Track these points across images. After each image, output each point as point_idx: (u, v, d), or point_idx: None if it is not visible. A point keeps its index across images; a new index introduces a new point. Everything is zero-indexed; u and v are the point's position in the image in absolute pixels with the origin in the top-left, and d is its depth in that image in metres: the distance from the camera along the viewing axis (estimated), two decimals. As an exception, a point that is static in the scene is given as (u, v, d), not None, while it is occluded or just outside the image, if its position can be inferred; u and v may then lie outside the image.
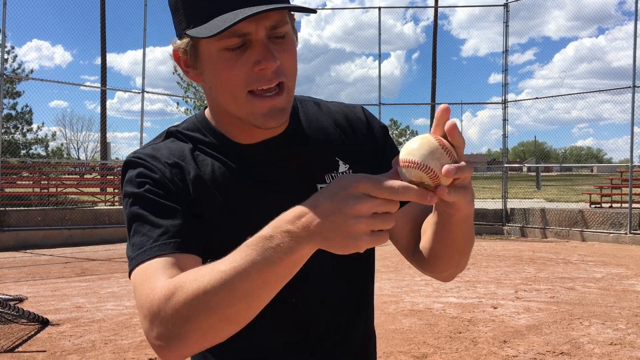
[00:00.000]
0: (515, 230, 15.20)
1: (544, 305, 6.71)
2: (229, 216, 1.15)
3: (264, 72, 1.05)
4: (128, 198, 1.11)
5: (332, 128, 1.28)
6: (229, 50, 1.05)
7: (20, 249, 12.00)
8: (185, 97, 26.17)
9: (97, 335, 5.42)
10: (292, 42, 1.11)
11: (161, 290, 0.93)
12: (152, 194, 1.10)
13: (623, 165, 17.41)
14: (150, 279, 0.98)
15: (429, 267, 1.22)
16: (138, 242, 1.05)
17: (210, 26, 1.01)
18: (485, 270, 9.40)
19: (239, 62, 1.05)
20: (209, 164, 1.17)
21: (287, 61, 1.08)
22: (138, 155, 1.16)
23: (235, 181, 1.17)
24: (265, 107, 1.08)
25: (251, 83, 1.06)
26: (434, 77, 22.91)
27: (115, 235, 13.51)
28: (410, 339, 5.36)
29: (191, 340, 0.92)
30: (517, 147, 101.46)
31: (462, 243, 1.13)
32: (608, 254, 11.45)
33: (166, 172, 1.13)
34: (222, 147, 1.19)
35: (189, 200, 1.13)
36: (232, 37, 1.03)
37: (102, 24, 21.69)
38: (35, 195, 17.10)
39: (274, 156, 1.20)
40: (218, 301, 0.88)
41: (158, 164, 1.14)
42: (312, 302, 1.21)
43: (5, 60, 15.88)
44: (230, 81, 1.07)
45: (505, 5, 16.16)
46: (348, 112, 1.33)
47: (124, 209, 1.12)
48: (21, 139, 26.11)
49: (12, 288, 7.69)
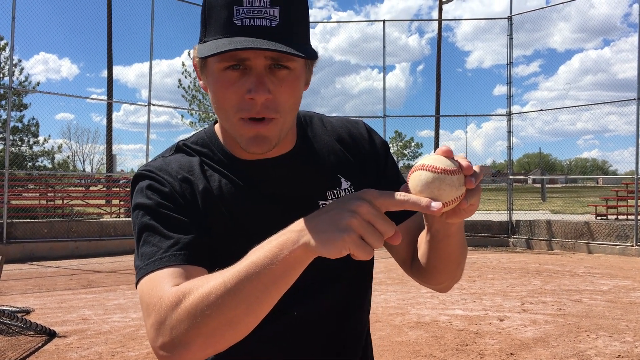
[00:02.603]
0: (521, 242, 15.15)
1: (551, 318, 6.68)
2: (234, 231, 1.17)
3: (254, 102, 1.07)
4: (138, 210, 1.13)
5: (335, 145, 1.31)
6: (230, 70, 1.07)
7: (27, 260, 12.03)
8: (190, 110, 26.29)
9: (104, 347, 5.43)
10: (296, 77, 1.11)
11: (169, 298, 0.95)
12: (162, 207, 1.12)
13: (628, 177, 17.36)
14: (157, 287, 1.00)
15: (426, 279, 1.26)
16: (147, 252, 1.07)
17: (214, 45, 1.05)
18: (491, 282, 9.37)
19: (235, 85, 1.07)
20: (216, 179, 1.20)
21: (283, 96, 1.09)
22: (149, 169, 1.18)
23: (240, 197, 1.19)
24: (251, 132, 1.10)
25: (241, 110, 1.08)
26: (438, 89, 22.93)
27: (121, 247, 13.54)
28: (417, 352, 5.35)
29: (195, 346, 0.92)
30: (522, 159, 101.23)
31: (457, 253, 1.17)
32: (614, 266, 11.40)
33: (176, 186, 1.16)
34: (228, 164, 1.22)
35: (198, 214, 1.15)
36: (230, 59, 1.06)
37: (109, 37, 21.85)
38: (42, 207, 17.15)
39: (278, 173, 1.22)
40: (220, 304, 0.89)
41: (168, 177, 1.17)
42: (312, 315, 1.23)
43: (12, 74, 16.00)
44: (224, 101, 1.10)
45: (509, 18, 16.22)
46: (351, 128, 1.35)
47: (134, 220, 1.14)
48: (27, 152, 26.23)
49: (19, 300, 7.72)
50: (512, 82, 16.17)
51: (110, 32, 21.75)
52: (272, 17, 1.04)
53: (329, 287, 1.23)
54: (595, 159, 65.30)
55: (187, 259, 1.05)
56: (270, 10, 1.04)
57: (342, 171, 1.28)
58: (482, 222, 15.75)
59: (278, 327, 1.19)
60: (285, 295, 1.21)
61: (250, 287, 0.89)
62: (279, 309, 1.20)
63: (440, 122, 21.94)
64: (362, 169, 1.31)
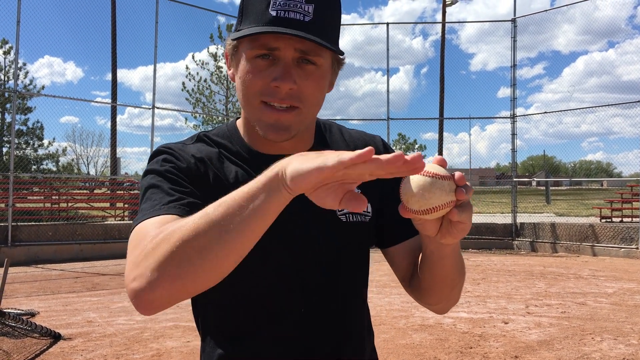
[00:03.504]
0: (526, 245, 15.12)
1: (555, 321, 6.67)
2: None
3: (278, 90, 1.11)
4: (149, 174, 1.15)
5: None
6: (260, 59, 1.11)
7: (32, 263, 12.07)
8: (194, 113, 26.34)
9: (108, 350, 5.45)
10: (322, 75, 1.15)
11: (151, 233, 0.95)
12: (172, 174, 1.14)
13: (633, 179, 17.32)
14: (146, 229, 0.99)
15: (423, 298, 1.30)
16: (148, 206, 1.07)
17: (247, 31, 1.10)
18: (495, 285, 9.36)
19: (263, 72, 1.11)
20: (232, 170, 1.23)
21: (307, 89, 1.13)
22: (168, 145, 1.23)
23: None
24: (271, 119, 1.14)
25: (265, 95, 1.12)
26: (442, 91, 22.93)
27: (125, 250, 13.27)
28: (421, 354, 5.35)
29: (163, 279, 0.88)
30: (527, 161, 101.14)
31: (451, 275, 1.20)
32: (619, 268, 11.37)
33: (192, 163, 1.19)
34: (246, 156, 1.25)
35: (207, 194, 1.15)
36: (261, 48, 1.10)
37: (113, 40, 21.93)
38: (46, 210, 17.20)
39: None
40: (194, 228, 0.88)
41: (186, 155, 1.20)
42: (319, 311, 1.25)
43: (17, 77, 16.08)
44: (250, 87, 1.13)
45: (513, 21, 16.21)
46: (368, 140, 1.39)
47: (142, 183, 1.15)
48: (32, 155, 26.32)
49: (24, 303, 7.74)
50: (516, 85, 16.16)
51: (115, 35, 21.83)
52: (305, 13, 1.08)
53: (332, 282, 1.26)
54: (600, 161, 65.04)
55: (185, 212, 1.02)
56: (305, 6, 1.09)
57: None
58: (487, 225, 15.73)
59: (286, 325, 1.21)
60: (292, 293, 1.23)
61: (225, 212, 0.87)
62: (287, 306, 1.22)
63: (444, 125, 21.93)
64: (373, 182, 1.32)
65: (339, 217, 1.26)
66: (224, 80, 26.27)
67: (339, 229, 1.25)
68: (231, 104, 26.53)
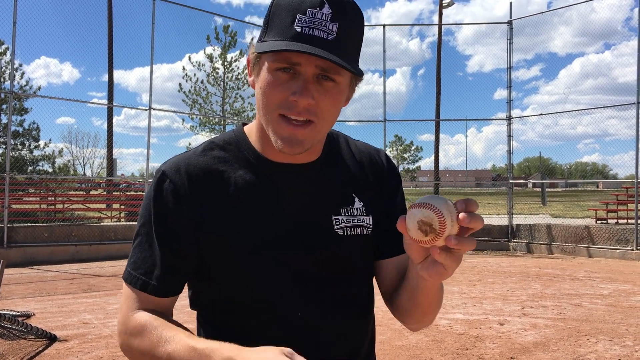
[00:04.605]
0: (521, 246, 15.16)
1: (551, 322, 6.69)
2: (244, 227, 1.22)
3: (296, 104, 1.13)
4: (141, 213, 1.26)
5: (356, 166, 1.37)
6: (281, 72, 1.13)
7: (27, 265, 12.04)
8: (191, 114, 26.32)
9: (104, 352, 5.44)
10: (340, 91, 1.17)
11: (133, 324, 1.20)
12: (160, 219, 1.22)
13: (629, 181, 17.37)
14: (129, 301, 1.23)
15: (397, 315, 1.37)
16: (133, 260, 1.25)
17: (271, 45, 1.11)
18: (491, 286, 9.38)
19: (283, 85, 1.13)
20: (239, 176, 1.25)
21: (325, 104, 1.15)
22: (165, 168, 1.26)
23: (257, 195, 1.24)
24: (287, 132, 1.15)
25: (283, 108, 1.14)
26: (438, 93, 22.99)
27: (121, 251, 13.54)
28: (417, 356, 5.36)
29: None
30: (522, 163, 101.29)
31: (427, 306, 1.26)
32: (615, 270, 11.40)
33: (185, 187, 1.23)
34: (253, 162, 1.27)
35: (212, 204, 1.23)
36: (283, 61, 1.12)
37: (110, 41, 21.91)
38: (42, 211, 17.15)
39: (299, 180, 1.28)
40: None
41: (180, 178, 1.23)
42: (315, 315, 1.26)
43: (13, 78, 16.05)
44: (269, 98, 1.15)
45: (508, 23, 16.26)
46: (373, 154, 1.42)
47: (140, 213, 1.28)
48: (28, 156, 26.24)
49: (20, 304, 7.72)
50: (512, 87, 16.22)
51: (111, 36, 21.81)
52: (329, 31, 1.10)
53: (329, 287, 1.27)
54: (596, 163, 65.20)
55: (157, 291, 1.22)
56: (330, 25, 1.10)
57: (357, 191, 1.34)
58: (482, 226, 15.71)
59: (283, 329, 1.23)
60: (289, 296, 1.25)
61: None
62: (283, 310, 1.23)
63: (440, 126, 21.98)
64: (375, 194, 1.37)
65: (335, 230, 1.28)
66: (220, 82, 26.27)
67: (336, 242, 1.28)
68: (228, 105, 26.53)
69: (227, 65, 26.28)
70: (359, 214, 1.31)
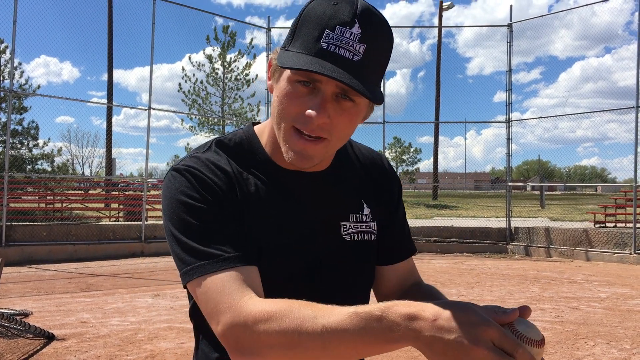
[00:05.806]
0: (520, 249, 15.16)
1: (549, 325, 6.69)
2: (258, 231, 1.20)
3: (311, 120, 1.10)
4: (182, 206, 1.13)
5: (361, 171, 1.37)
6: (300, 84, 1.11)
7: (26, 264, 12.03)
8: (190, 114, 26.32)
9: (102, 351, 5.44)
10: (357, 112, 1.15)
11: (255, 309, 1.01)
12: (205, 203, 1.13)
13: (627, 185, 17.39)
14: (225, 290, 1.05)
15: None
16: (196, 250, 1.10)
17: (295, 58, 1.08)
18: (489, 289, 9.38)
19: (300, 99, 1.11)
20: (249, 179, 1.23)
21: (340, 124, 1.13)
22: (188, 164, 1.19)
23: (269, 200, 1.23)
24: (298, 146, 1.14)
25: (297, 121, 1.12)
26: (438, 95, 23.03)
27: (120, 250, 13.54)
28: (415, 357, 5.35)
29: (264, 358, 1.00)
30: (521, 166, 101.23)
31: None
32: (613, 273, 11.41)
33: (214, 179, 1.17)
34: (264, 167, 1.26)
35: (239, 209, 1.18)
36: (303, 75, 1.09)
37: (110, 41, 21.93)
38: (41, 210, 17.14)
39: (310, 187, 1.27)
40: (308, 346, 0.96)
41: (206, 170, 1.18)
42: None
43: (12, 76, 16.05)
44: (285, 109, 1.13)
45: (509, 26, 16.27)
46: (376, 159, 1.42)
47: (173, 214, 1.14)
48: (27, 155, 26.22)
49: (18, 303, 7.72)
50: (511, 89, 16.21)
51: (111, 35, 21.83)
52: (355, 52, 1.07)
53: (336, 292, 1.27)
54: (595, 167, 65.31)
55: (240, 260, 1.09)
56: (357, 45, 1.07)
57: (365, 197, 1.34)
58: (481, 229, 15.76)
59: None
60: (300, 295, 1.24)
61: (341, 346, 0.94)
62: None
63: (439, 129, 22.00)
64: (379, 200, 1.38)
65: (343, 236, 1.28)
66: (219, 82, 26.27)
67: (343, 248, 1.28)
68: (227, 106, 26.53)
69: (226, 66, 26.28)
70: (366, 220, 1.32)
